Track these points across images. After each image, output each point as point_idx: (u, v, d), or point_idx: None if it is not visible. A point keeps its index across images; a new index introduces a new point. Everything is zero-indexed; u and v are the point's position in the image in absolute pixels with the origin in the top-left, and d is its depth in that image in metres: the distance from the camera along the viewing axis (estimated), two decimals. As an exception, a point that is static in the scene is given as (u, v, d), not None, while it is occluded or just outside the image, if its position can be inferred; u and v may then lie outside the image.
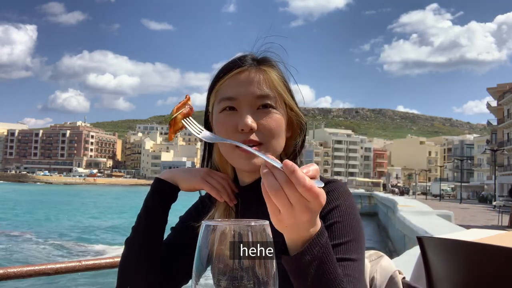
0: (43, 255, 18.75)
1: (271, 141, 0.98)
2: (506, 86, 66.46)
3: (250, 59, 1.01)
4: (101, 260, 1.77)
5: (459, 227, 10.38)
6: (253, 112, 0.97)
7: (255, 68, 1.00)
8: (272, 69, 1.01)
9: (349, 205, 0.93)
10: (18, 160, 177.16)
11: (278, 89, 0.99)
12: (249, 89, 0.98)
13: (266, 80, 0.99)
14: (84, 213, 38.85)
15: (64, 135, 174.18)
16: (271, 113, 0.98)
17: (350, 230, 0.89)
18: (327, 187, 0.93)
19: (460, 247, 1.54)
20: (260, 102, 0.98)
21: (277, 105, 0.99)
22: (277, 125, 0.98)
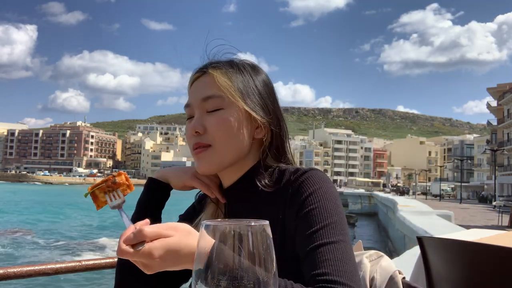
0: (43, 255, 18.75)
1: (219, 142, 0.97)
2: (506, 86, 66.46)
3: (203, 65, 1.03)
4: (101, 260, 1.77)
5: (459, 227, 10.39)
6: (203, 116, 0.99)
7: (204, 73, 1.01)
8: (220, 72, 0.99)
9: (325, 190, 0.91)
10: (18, 160, 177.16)
11: (227, 89, 0.97)
12: (197, 94, 1.00)
13: (212, 82, 0.99)
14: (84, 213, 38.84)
15: (64, 135, 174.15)
16: (218, 114, 0.97)
17: (328, 214, 0.87)
18: (302, 177, 0.93)
19: (460, 247, 1.54)
20: (207, 104, 0.98)
21: (227, 106, 0.97)
22: (224, 125, 0.97)
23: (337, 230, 0.86)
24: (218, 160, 0.99)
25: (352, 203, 47.22)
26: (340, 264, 0.81)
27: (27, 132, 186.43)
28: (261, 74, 1.05)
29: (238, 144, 0.99)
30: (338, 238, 0.84)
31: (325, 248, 0.83)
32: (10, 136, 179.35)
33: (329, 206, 0.88)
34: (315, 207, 0.88)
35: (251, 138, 1.01)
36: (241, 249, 0.53)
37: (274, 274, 0.55)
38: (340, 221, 0.88)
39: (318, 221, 0.86)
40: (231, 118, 0.97)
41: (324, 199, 0.89)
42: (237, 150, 0.99)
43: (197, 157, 1.00)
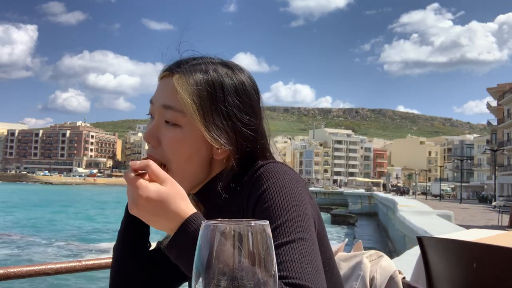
0: (43, 255, 18.76)
1: (172, 162, 0.88)
2: (506, 86, 66.47)
3: (175, 63, 0.92)
4: (101, 260, 1.77)
5: (459, 227, 10.38)
6: (160, 125, 0.89)
7: (172, 73, 0.90)
8: (185, 79, 0.87)
9: (280, 185, 0.82)
10: (18, 160, 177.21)
11: (186, 106, 0.86)
12: (159, 96, 0.90)
13: (174, 90, 0.88)
14: (84, 213, 38.85)
15: (64, 135, 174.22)
16: (174, 132, 0.88)
17: (281, 212, 0.79)
18: (257, 173, 0.86)
19: (460, 247, 1.54)
20: (167, 114, 0.88)
21: (184, 123, 0.87)
22: (178, 147, 0.88)
23: (294, 227, 0.78)
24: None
25: (352, 203, 47.21)
26: (299, 265, 0.73)
27: (27, 132, 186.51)
28: (235, 73, 0.91)
29: (193, 168, 0.90)
30: (295, 236, 0.77)
31: (281, 249, 0.75)
32: (10, 136, 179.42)
33: (284, 202, 0.80)
34: (269, 205, 0.80)
35: (210, 157, 0.91)
36: (241, 249, 0.52)
37: (274, 274, 0.55)
38: (297, 217, 0.79)
39: (273, 220, 0.78)
40: (187, 140, 0.88)
41: (277, 195, 0.81)
42: (192, 174, 0.91)
43: None
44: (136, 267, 0.95)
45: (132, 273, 0.95)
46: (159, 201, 0.74)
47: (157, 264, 0.99)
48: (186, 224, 0.75)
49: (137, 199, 0.75)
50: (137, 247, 0.95)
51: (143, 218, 0.78)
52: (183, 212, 0.76)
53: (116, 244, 0.97)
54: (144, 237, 0.95)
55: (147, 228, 0.95)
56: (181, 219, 0.76)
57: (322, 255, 0.81)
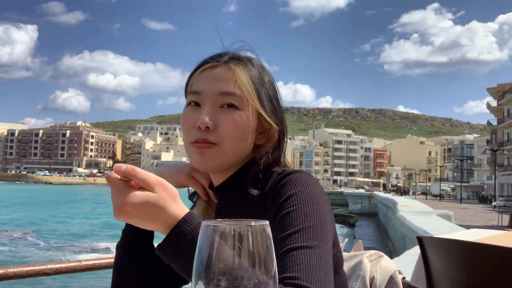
0: (43, 255, 18.75)
1: (228, 142, 0.93)
2: (506, 86, 66.45)
3: (225, 57, 0.96)
4: (101, 260, 1.77)
5: (459, 227, 10.39)
6: (215, 110, 0.93)
7: (226, 66, 0.94)
8: (243, 69, 0.95)
9: (306, 193, 0.86)
10: (18, 160, 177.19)
11: (247, 90, 0.93)
12: (214, 85, 0.93)
13: (233, 79, 0.93)
14: (84, 213, 38.85)
15: (64, 135, 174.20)
16: (232, 114, 0.92)
17: (305, 218, 0.82)
18: (285, 179, 0.89)
19: (460, 247, 1.54)
20: (223, 100, 0.92)
21: (243, 107, 0.93)
22: (237, 126, 0.92)
23: (314, 235, 0.80)
24: (220, 160, 0.94)
25: (352, 203, 47.24)
26: (312, 270, 0.75)
27: (27, 132, 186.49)
28: (267, 73, 1.00)
29: (243, 148, 0.95)
30: (314, 243, 0.79)
31: (298, 252, 0.77)
32: (10, 136, 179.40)
33: (308, 210, 0.83)
34: (293, 209, 0.83)
35: (253, 143, 0.97)
36: (241, 249, 0.52)
37: (274, 274, 0.55)
38: (319, 226, 0.82)
39: (295, 224, 0.81)
40: (244, 121, 0.93)
41: (303, 202, 0.84)
42: (241, 153, 0.96)
43: (199, 152, 0.93)
44: (139, 266, 0.95)
45: (135, 272, 0.95)
46: (147, 208, 0.73)
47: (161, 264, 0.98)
48: (182, 225, 0.76)
49: (123, 206, 0.74)
50: (141, 246, 0.95)
51: (131, 223, 0.77)
52: (176, 214, 0.76)
53: (119, 242, 0.98)
54: (149, 237, 0.96)
55: None
56: (175, 221, 0.76)
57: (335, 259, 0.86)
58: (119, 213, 0.75)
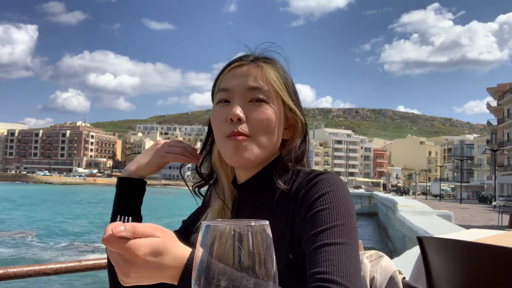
0: (43, 255, 18.75)
1: (260, 134, 0.96)
2: (506, 86, 66.47)
3: (251, 56, 1.02)
4: (101, 260, 1.77)
5: (459, 227, 10.39)
6: (244, 104, 0.96)
7: (253, 64, 1.00)
8: (270, 66, 1.00)
9: (338, 193, 0.89)
10: (18, 160, 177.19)
11: (273, 85, 0.98)
12: (242, 81, 0.97)
13: (261, 75, 0.98)
14: (84, 213, 38.86)
15: (64, 135, 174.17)
16: (262, 107, 0.96)
17: (337, 216, 0.85)
18: (316, 179, 0.92)
19: (460, 247, 1.54)
20: (252, 94, 0.96)
21: (271, 101, 0.97)
22: (267, 119, 0.96)
23: (344, 232, 0.84)
24: (253, 153, 0.96)
25: (352, 203, 47.17)
26: (342, 265, 0.78)
27: (27, 132, 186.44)
28: (288, 74, 1.05)
29: (272, 141, 0.98)
30: (344, 240, 0.82)
31: (329, 247, 0.81)
32: (10, 136, 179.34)
33: (340, 209, 0.87)
34: (325, 207, 0.87)
35: (280, 138, 1.01)
36: (241, 249, 0.52)
37: (274, 274, 0.55)
38: (349, 224, 0.86)
39: (326, 222, 0.84)
40: (273, 114, 0.97)
41: (335, 201, 0.87)
42: (271, 147, 0.98)
43: (235, 144, 0.95)
44: None
45: None
46: (157, 254, 0.68)
47: None
48: (188, 267, 0.72)
49: (134, 260, 0.66)
50: None
51: (142, 278, 0.69)
52: (181, 256, 0.72)
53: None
54: None
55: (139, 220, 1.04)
56: (182, 263, 0.71)
57: None
58: (131, 268, 0.66)
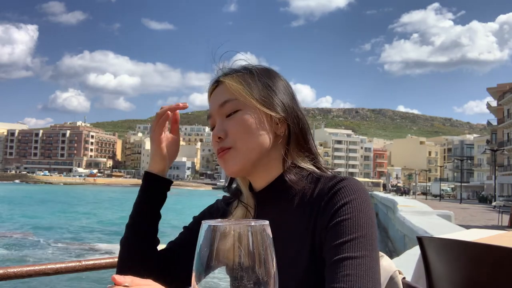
0: (43, 255, 18.75)
1: (238, 142, 0.99)
2: (506, 86, 66.49)
3: (217, 77, 1.06)
4: (101, 260, 1.77)
5: (459, 227, 10.38)
6: (223, 121, 1.01)
7: (218, 84, 1.05)
8: (229, 78, 1.03)
9: (360, 201, 0.89)
10: (18, 160, 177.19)
11: (238, 93, 1.00)
12: (214, 103, 1.04)
13: (224, 89, 1.02)
14: (84, 213, 38.85)
15: (64, 135, 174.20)
16: (236, 116, 1.00)
17: (359, 227, 0.86)
18: (338, 185, 0.92)
19: (460, 247, 1.54)
20: (224, 109, 1.01)
21: (242, 106, 1.00)
22: (242, 125, 0.99)
23: (365, 244, 0.85)
24: (241, 159, 0.99)
25: (352, 203, 47.17)
26: (360, 281, 0.80)
27: (27, 132, 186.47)
28: (275, 75, 1.07)
29: (258, 141, 1.00)
30: (364, 253, 0.83)
31: (349, 262, 0.82)
32: (10, 136, 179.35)
33: (362, 219, 0.87)
34: (347, 218, 0.87)
35: (272, 134, 1.02)
36: (241, 249, 0.53)
37: (274, 274, 0.55)
38: (370, 234, 0.87)
39: (348, 233, 0.85)
40: (248, 117, 0.99)
41: (357, 211, 0.88)
42: (258, 146, 1.00)
43: (222, 160, 1.01)
44: (143, 263, 1.00)
45: (138, 267, 0.99)
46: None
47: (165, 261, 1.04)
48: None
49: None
50: (145, 242, 1.02)
51: None
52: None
53: (123, 238, 1.04)
54: (153, 234, 1.03)
55: (156, 223, 1.05)
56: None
57: None
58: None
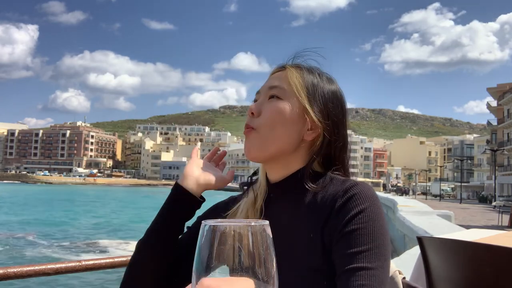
0: (43, 255, 18.76)
1: (263, 127, 1.00)
2: (506, 86, 66.45)
3: (284, 62, 1.09)
4: (101, 260, 1.77)
5: (459, 227, 10.37)
6: (264, 101, 1.03)
7: (282, 69, 1.07)
8: (295, 69, 1.05)
9: (373, 210, 0.89)
10: (18, 160, 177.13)
11: (291, 85, 1.01)
12: (268, 83, 1.06)
13: (284, 76, 1.04)
14: (84, 213, 38.86)
15: (64, 135, 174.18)
16: (274, 101, 1.01)
17: (372, 238, 0.86)
18: (352, 191, 0.92)
19: (460, 247, 1.54)
20: (270, 92, 1.03)
21: (286, 98, 1.01)
22: (275, 112, 1.00)
23: (378, 255, 0.85)
24: (259, 144, 1.00)
25: (352, 203, 47.14)
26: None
27: (27, 132, 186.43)
28: (334, 85, 1.07)
29: (282, 135, 1.00)
30: (377, 264, 0.84)
31: (362, 272, 0.83)
32: (10, 136, 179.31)
33: (375, 229, 0.87)
34: (362, 227, 0.87)
35: (301, 137, 1.01)
36: (241, 249, 0.53)
37: (274, 274, 0.55)
38: (383, 246, 0.87)
39: (362, 243, 0.86)
40: (284, 108, 1.00)
41: (371, 221, 0.88)
42: (280, 141, 1.00)
43: (246, 137, 1.03)
44: (158, 266, 1.00)
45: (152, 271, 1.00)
46: None
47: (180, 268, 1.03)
48: None
49: None
50: (165, 248, 1.00)
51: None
52: None
53: (143, 240, 1.02)
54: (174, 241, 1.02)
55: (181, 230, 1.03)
56: None
57: None
58: None
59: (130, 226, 28.77)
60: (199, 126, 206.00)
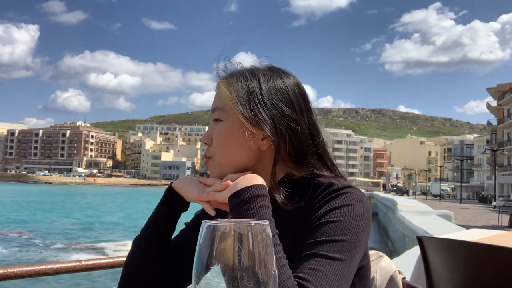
0: (43, 255, 18.77)
1: (217, 155, 0.98)
2: (506, 86, 66.47)
3: (216, 79, 1.03)
4: (101, 260, 1.77)
5: (459, 227, 10.39)
6: (213, 127, 1.00)
7: (217, 85, 1.02)
8: (224, 83, 0.98)
9: (357, 209, 0.87)
10: (18, 160, 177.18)
11: (226, 101, 0.96)
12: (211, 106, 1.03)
13: (218, 95, 1.00)
14: (84, 213, 38.86)
15: (64, 135, 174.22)
16: (217, 126, 0.98)
17: (345, 232, 0.84)
18: (335, 193, 0.89)
19: (460, 247, 1.54)
20: (213, 116, 1.00)
21: (225, 117, 0.97)
22: (220, 137, 0.97)
23: (345, 249, 0.82)
24: (218, 170, 0.98)
25: (352, 203, 47.15)
26: (325, 280, 0.78)
27: (27, 132, 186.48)
28: (282, 79, 0.99)
29: (234, 156, 0.96)
30: (341, 256, 0.81)
31: (322, 259, 0.80)
32: (10, 136, 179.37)
33: (350, 225, 0.85)
34: (338, 220, 0.85)
35: (256, 150, 0.96)
36: (241, 249, 0.53)
37: (274, 274, 0.55)
38: (353, 242, 0.84)
39: (332, 234, 0.83)
40: (228, 131, 0.96)
41: (349, 217, 0.86)
42: (233, 161, 0.96)
43: (207, 166, 1.02)
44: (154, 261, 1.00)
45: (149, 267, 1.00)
46: None
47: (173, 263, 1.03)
48: None
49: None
50: (161, 245, 1.00)
51: None
52: None
53: (138, 237, 1.03)
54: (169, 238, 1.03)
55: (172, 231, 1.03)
56: None
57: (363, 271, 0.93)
58: None
59: (130, 226, 28.77)
60: (199, 126, 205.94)
